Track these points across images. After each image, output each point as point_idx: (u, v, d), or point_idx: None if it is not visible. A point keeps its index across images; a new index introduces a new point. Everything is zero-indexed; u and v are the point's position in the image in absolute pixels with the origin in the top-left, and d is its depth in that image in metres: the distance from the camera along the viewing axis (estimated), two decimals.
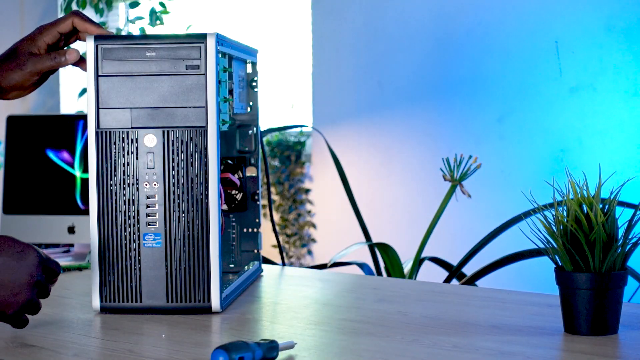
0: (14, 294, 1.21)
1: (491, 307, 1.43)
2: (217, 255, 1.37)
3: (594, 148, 3.53)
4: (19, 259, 1.21)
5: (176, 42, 1.37)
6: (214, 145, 1.36)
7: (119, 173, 1.37)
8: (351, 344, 1.22)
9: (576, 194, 1.22)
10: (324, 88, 4.28)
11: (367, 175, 4.10)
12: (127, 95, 1.37)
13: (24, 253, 1.22)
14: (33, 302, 1.23)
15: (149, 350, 1.18)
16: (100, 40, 1.38)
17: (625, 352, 1.16)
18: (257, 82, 1.70)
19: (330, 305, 1.47)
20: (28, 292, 1.22)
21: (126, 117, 1.37)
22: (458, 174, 2.39)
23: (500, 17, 3.74)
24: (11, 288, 1.21)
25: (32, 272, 1.22)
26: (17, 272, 1.21)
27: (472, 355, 1.15)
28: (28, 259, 1.22)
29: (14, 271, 1.21)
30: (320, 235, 4.36)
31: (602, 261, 1.20)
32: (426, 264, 2.80)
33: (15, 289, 1.21)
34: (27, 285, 1.22)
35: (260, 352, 1.09)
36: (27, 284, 1.22)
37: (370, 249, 2.87)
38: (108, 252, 1.38)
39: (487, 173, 3.11)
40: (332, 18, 4.25)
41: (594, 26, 3.52)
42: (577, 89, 3.57)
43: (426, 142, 3.95)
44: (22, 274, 1.21)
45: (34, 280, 1.22)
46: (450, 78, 3.88)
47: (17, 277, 1.21)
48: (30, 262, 1.22)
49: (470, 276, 2.65)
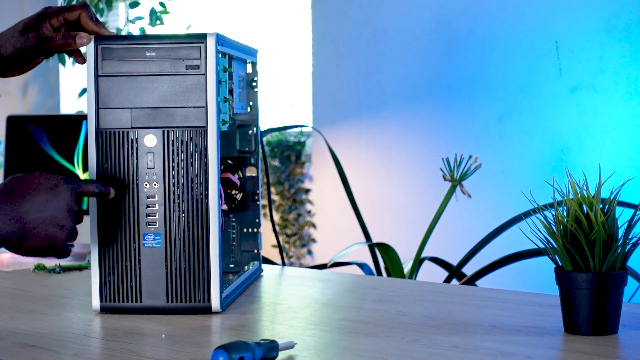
0: (59, 228, 1.27)
1: (491, 307, 1.43)
2: (217, 255, 1.37)
3: (594, 148, 3.53)
4: (55, 194, 1.27)
5: (176, 42, 1.37)
6: (214, 145, 1.36)
7: (119, 173, 1.37)
8: (351, 344, 1.22)
9: (576, 194, 1.22)
10: (324, 88, 4.28)
11: (367, 175, 4.10)
12: (127, 95, 1.37)
13: (57, 187, 1.27)
14: (74, 231, 1.29)
15: (149, 350, 1.18)
16: (100, 40, 1.38)
17: (625, 352, 1.16)
18: (257, 82, 1.69)
19: (330, 305, 1.47)
20: (70, 223, 1.28)
21: (126, 117, 1.37)
22: (458, 174, 2.39)
23: (500, 17, 3.74)
24: (54, 223, 1.27)
25: (70, 203, 1.28)
26: (56, 207, 1.27)
27: (472, 355, 1.15)
28: (63, 192, 1.27)
29: (53, 207, 1.27)
30: (320, 235, 4.36)
31: (602, 261, 1.20)
32: (426, 264, 2.80)
33: (59, 222, 1.27)
34: (68, 217, 1.28)
35: (260, 352, 1.09)
36: (67, 216, 1.27)
37: (370, 249, 2.87)
38: (108, 252, 1.38)
39: (487, 173, 3.11)
40: (332, 18, 4.25)
41: (594, 26, 3.52)
42: (577, 89, 3.57)
43: (426, 142, 3.95)
44: (61, 208, 1.27)
45: (73, 211, 1.28)
46: (450, 78, 3.88)
47: (58, 212, 1.27)
48: (66, 194, 1.28)
49: (470, 276, 2.65)
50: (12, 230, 1.24)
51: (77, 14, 1.41)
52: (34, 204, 1.25)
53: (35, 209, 1.25)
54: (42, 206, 1.26)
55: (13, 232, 1.25)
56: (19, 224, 1.25)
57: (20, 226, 1.25)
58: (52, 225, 1.26)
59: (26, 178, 1.28)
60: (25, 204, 1.25)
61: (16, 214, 1.25)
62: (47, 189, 1.27)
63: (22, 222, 1.25)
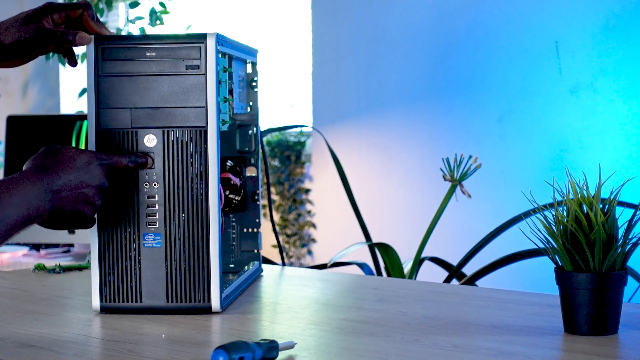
0: (87, 204, 1.30)
1: (491, 307, 1.43)
2: (217, 255, 1.37)
3: (594, 148, 3.53)
4: (86, 171, 1.30)
5: (176, 42, 1.37)
6: (214, 145, 1.36)
7: (119, 173, 1.37)
8: (351, 344, 1.22)
9: (576, 194, 1.22)
10: (324, 88, 4.28)
11: (367, 175, 4.10)
12: (127, 95, 1.37)
13: (90, 164, 1.30)
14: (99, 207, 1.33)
15: (149, 350, 1.18)
16: (100, 40, 1.38)
17: (625, 352, 1.16)
18: (257, 82, 1.69)
19: (330, 305, 1.47)
20: (99, 200, 1.31)
21: (126, 117, 1.37)
22: (458, 174, 2.39)
23: (500, 17, 3.74)
24: (84, 200, 1.30)
25: (100, 181, 1.31)
26: (87, 185, 1.30)
27: (472, 355, 1.15)
28: (95, 170, 1.31)
29: (84, 184, 1.29)
30: (320, 235, 4.36)
31: (602, 261, 1.20)
32: (426, 264, 2.80)
33: (88, 199, 1.30)
34: (97, 195, 1.31)
35: (260, 352, 1.09)
36: (96, 194, 1.31)
37: (370, 249, 2.87)
38: (108, 252, 1.38)
39: (487, 173, 3.11)
40: (332, 18, 4.25)
41: (594, 26, 3.52)
42: (577, 89, 3.57)
43: (426, 142, 3.95)
44: (91, 186, 1.30)
45: (103, 188, 1.32)
46: (450, 78, 3.88)
47: (88, 189, 1.30)
48: (97, 172, 1.31)
49: (470, 276, 2.65)
50: (45, 206, 1.26)
51: (80, 12, 1.41)
52: (67, 181, 1.28)
53: (68, 186, 1.28)
54: (74, 183, 1.28)
55: (46, 208, 1.26)
56: (51, 200, 1.27)
57: (52, 203, 1.27)
58: (81, 202, 1.29)
59: (59, 152, 1.29)
60: (58, 180, 1.28)
61: (50, 190, 1.27)
62: (80, 166, 1.29)
63: (54, 199, 1.27)
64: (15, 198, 1.24)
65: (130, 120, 1.37)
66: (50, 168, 1.28)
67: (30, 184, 1.25)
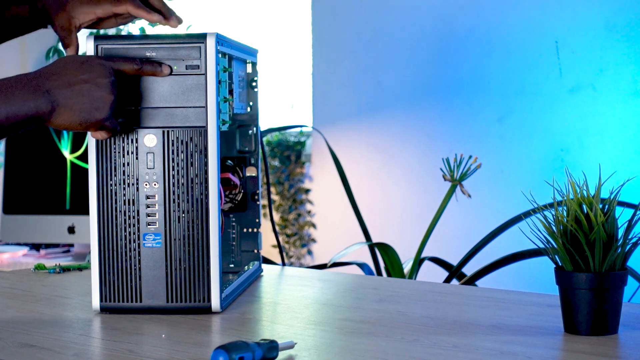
0: (99, 98, 1.27)
1: (491, 307, 1.43)
2: (217, 255, 1.37)
3: (594, 148, 3.53)
4: (87, 68, 1.28)
5: (176, 42, 1.37)
6: (214, 145, 1.36)
7: (119, 173, 1.37)
8: (351, 344, 1.22)
9: (576, 194, 1.22)
10: (324, 88, 4.29)
11: (367, 175, 4.10)
12: (127, 95, 1.37)
13: (90, 61, 1.28)
14: (116, 103, 1.30)
15: (149, 350, 1.19)
16: (100, 40, 1.38)
17: (625, 352, 1.16)
18: (257, 82, 1.70)
19: (330, 305, 1.47)
20: (111, 94, 1.29)
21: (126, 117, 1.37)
22: (458, 174, 2.39)
23: (500, 17, 3.74)
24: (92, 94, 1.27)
25: (106, 75, 1.28)
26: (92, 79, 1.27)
27: (472, 355, 1.15)
28: (97, 66, 1.28)
29: (89, 78, 1.27)
30: (320, 235, 4.36)
31: (602, 261, 1.20)
32: (426, 264, 2.80)
33: (96, 92, 1.27)
34: (107, 87, 1.28)
35: (260, 352, 1.09)
36: (106, 86, 1.28)
37: (370, 249, 2.87)
38: (108, 252, 1.38)
39: (487, 173, 3.12)
40: (332, 18, 4.25)
41: (594, 26, 3.52)
42: (577, 89, 3.57)
43: (426, 142, 3.95)
44: (97, 80, 1.28)
45: (111, 82, 1.29)
46: (450, 78, 3.88)
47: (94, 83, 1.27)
48: (99, 68, 1.28)
49: (470, 276, 2.65)
50: (41, 104, 1.24)
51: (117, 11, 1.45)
52: (66, 79, 1.26)
53: (68, 82, 1.26)
54: (76, 78, 1.26)
55: (43, 105, 1.24)
56: (50, 98, 1.25)
57: (51, 99, 1.25)
58: (89, 95, 1.27)
59: (56, 61, 1.28)
60: (56, 79, 1.26)
61: (45, 88, 1.25)
62: (80, 64, 1.28)
63: (52, 95, 1.25)
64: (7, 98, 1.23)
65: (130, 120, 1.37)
66: (46, 72, 1.27)
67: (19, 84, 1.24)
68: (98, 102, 1.27)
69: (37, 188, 3.60)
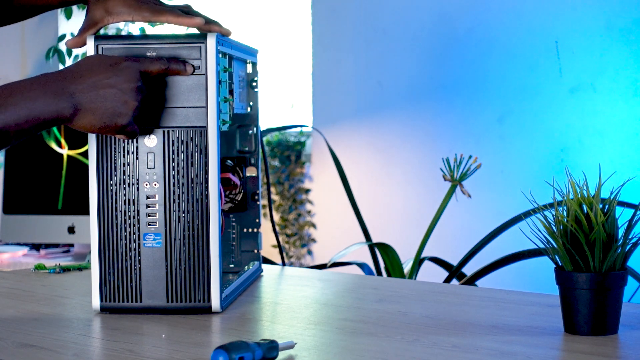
0: (121, 103, 1.27)
1: (491, 307, 1.43)
2: (217, 255, 1.37)
3: (594, 148, 3.53)
4: (115, 71, 1.27)
5: (176, 42, 1.37)
6: (214, 145, 1.36)
7: (119, 173, 1.37)
8: (351, 344, 1.22)
9: (576, 194, 1.22)
10: (324, 88, 4.29)
11: (367, 175, 4.10)
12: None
13: (118, 64, 1.28)
14: (139, 109, 1.29)
15: (149, 350, 1.19)
16: (100, 40, 1.38)
17: (625, 352, 1.16)
18: (257, 82, 1.70)
19: (330, 305, 1.47)
20: (135, 99, 1.28)
21: None
22: (458, 174, 2.39)
23: (500, 17, 3.74)
24: (116, 99, 1.26)
25: (133, 80, 1.27)
26: (117, 83, 1.27)
27: (472, 355, 1.15)
28: (125, 69, 1.27)
29: (114, 83, 1.26)
30: (320, 235, 4.36)
31: (602, 261, 1.20)
32: (426, 264, 2.80)
33: (121, 97, 1.26)
34: (133, 92, 1.27)
35: (260, 352, 1.09)
36: (132, 91, 1.27)
37: (370, 249, 2.87)
38: (108, 252, 1.38)
39: (487, 173, 3.11)
40: (332, 18, 4.25)
41: (594, 26, 3.52)
42: (577, 89, 3.57)
43: (426, 142, 3.95)
44: (123, 84, 1.27)
45: (137, 87, 1.28)
46: (450, 78, 3.88)
47: (119, 88, 1.27)
48: (127, 71, 1.28)
49: (470, 276, 2.65)
50: (64, 107, 1.23)
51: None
52: (92, 81, 1.25)
53: (93, 85, 1.25)
54: (101, 82, 1.25)
55: (66, 108, 1.23)
56: (73, 100, 1.24)
57: (75, 102, 1.24)
58: (113, 100, 1.26)
59: (83, 61, 1.27)
60: (81, 82, 1.25)
61: (69, 91, 1.24)
62: (107, 66, 1.27)
63: (75, 98, 1.24)
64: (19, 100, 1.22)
65: None
66: (73, 73, 1.26)
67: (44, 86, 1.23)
68: (121, 108, 1.27)
69: (37, 188, 3.60)
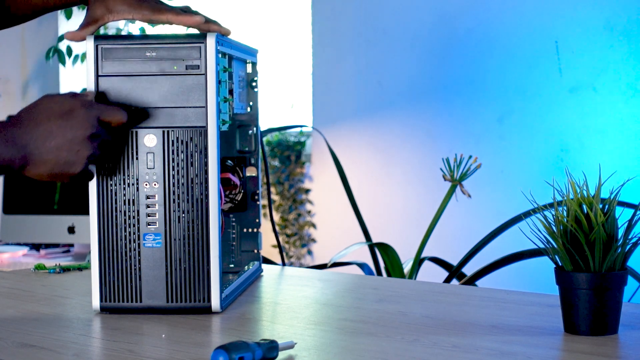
0: (74, 153, 1.24)
1: (491, 307, 1.43)
2: (217, 255, 1.37)
3: (594, 148, 3.53)
4: (68, 119, 1.24)
5: (176, 42, 1.37)
6: (214, 145, 1.36)
7: (119, 173, 1.37)
8: (351, 344, 1.22)
9: (576, 194, 1.22)
10: (324, 88, 4.29)
11: (367, 175, 4.10)
12: (127, 95, 1.37)
13: (72, 112, 1.24)
14: (96, 156, 1.27)
15: (149, 350, 1.19)
16: (100, 40, 1.38)
17: (625, 352, 1.16)
18: (257, 82, 1.70)
19: (330, 305, 1.47)
20: (88, 149, 1.25)
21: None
22: (458, 174, 2.39)
23: (500, 17, 3.74)
24: (69, 149, 1.24)
25: (88, 130, 1.25)
26: (70, 133, 1.24)
27: (472, 355, 1.15)
28: (79, 117, 1.24)
29: (67, 133, 1.24)
30: (320, 235, 4.36)
31: (602, 261, 1.20)
32: (426, 264, 2.80)
33: (74, 147, 1.24)
34: (85, 142, 1.25)
35: (260, 352, 1.09)
36: (84, 142, 1.25)
37: (370, 249, 2.87)
38: (108, 252, 1.38)
39: (487, 173, 3.11)
40: (332, 18, 4.25)
41: (594, 26, 3.52)
42: (577, 89, 3.57)
43: (426, 142, 3.95)
44: (76, 134, 1.24)
45: (91, 135, 1.25)
46: (450, 78, 3.88)
47: (72, 138, 1.24)
48: (82, 120, 1.24)
49: (470, 276, 2.65)
50: (14, 156, 1.21)
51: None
52: (44, 130, 1.22)
53: (45, 136, 1.23)
54: (54, 132, 1.23)
55: (16, 158, 1.21)
56: (23, 150, 1.22)
57: (25, 153, 1.22)
58: (65, 150, 1.24)
59: (38, 104, 1.25)
60: (33, 131, 1.22)
61: (20, 140, 1.22)
62: (61, 114, 1.24)
63: (26, 148, 1.22)
64: None
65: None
66: (26, 120, 1.23)
67: None
68: (73, 157, 1.25)
69: (37, 188, 3.60)
